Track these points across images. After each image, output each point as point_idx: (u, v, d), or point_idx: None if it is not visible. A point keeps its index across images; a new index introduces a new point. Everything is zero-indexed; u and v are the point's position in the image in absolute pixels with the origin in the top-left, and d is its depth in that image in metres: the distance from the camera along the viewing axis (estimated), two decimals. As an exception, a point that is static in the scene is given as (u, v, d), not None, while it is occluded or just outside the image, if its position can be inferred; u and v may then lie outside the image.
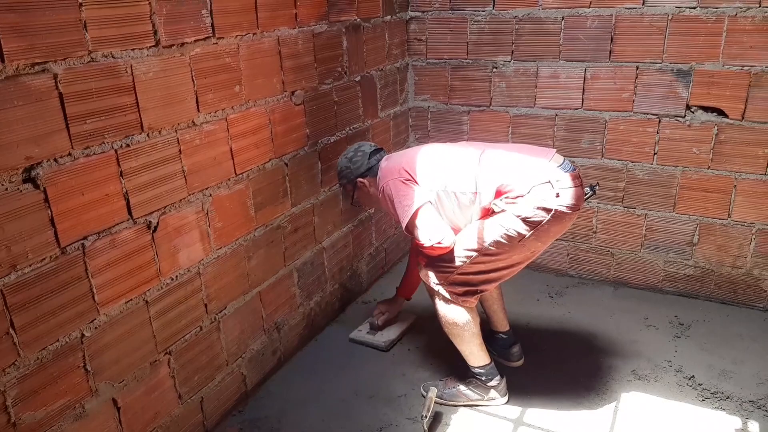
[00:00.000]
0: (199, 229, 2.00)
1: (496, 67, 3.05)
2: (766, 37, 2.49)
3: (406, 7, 3.13)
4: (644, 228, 2.96)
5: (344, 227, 2.89)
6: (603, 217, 3.04)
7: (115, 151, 1.67)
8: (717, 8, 2.53)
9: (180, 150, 1.88)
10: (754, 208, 2.72)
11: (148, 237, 1.81)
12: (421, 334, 2.71)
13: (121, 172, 1.69)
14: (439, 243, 2.03)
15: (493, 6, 2.95)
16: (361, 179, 2.31)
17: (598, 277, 3.15)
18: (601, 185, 2.95)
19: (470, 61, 3.10)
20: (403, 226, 2.08)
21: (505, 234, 2.01)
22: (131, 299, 1.78)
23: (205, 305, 2.07)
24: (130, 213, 1.74)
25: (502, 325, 2.49)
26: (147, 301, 1.84)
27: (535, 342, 2.61)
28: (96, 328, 1.68)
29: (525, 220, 1.99)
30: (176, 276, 1.93)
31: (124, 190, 1.71)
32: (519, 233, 2.00)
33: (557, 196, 1.98)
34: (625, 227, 3.01)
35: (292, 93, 2.36)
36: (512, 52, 2.99)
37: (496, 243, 2.03)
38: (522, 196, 2.01)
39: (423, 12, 3.13)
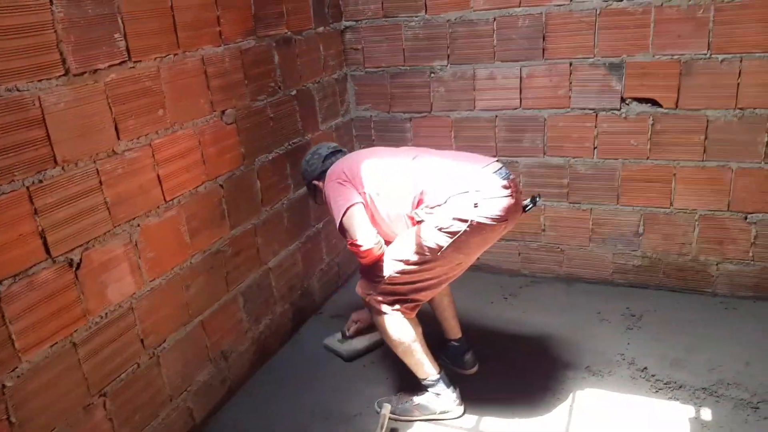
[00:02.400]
0: (128, 262, 1.91)
1: (434, 73, 3.03)
2: (693, 25, 2.52)
3: (339, 17, 3.09)
4: (591, 222, 2.97)
5: (291, 245, 2.82)
6: (550, 214, 3.04)
7: (27, 188, 1.58)
8: None
9: (101, 181, 1.79)
10: (694, 195, 2.75)
11: (70, 275, 1.72)
12: (378, 349, 2.66)
13: (35, 209, 1.60)
14: (355, 241, 2.04)
15: (425, 11, 2.94)
16: (315, 181, 2.36)
17: (551, 275, 3.16)
18: (546, 182, 2.97)
19: (408, 68, 3.08)
20: (337, 225, 2.12)
21: (425, 245, 1.98)
22: (56, 342, 1.68)
23: (142, 341, 1.98)
24: (48, 252, 1.65)
25: (454, 332, 2.45)
26: (74, 343, 1.74)
27: (490, 346, 2.59)
28: (18, 376, 1.58)
29: (442, 231, 1.96)
30: (106, 313, 1.84)
31: (40, 228, 1.62)
32: (438, 244, 1.97)
33: (475, 206, 1.93)
34: (572, 223, 3.02)
35: (223, 112, 2.29)
36: (448, 56, 2.98)
37: (417, 253, 2.01)
38: (439, 206, 1.98)
39: (357, 21, 3.10)
